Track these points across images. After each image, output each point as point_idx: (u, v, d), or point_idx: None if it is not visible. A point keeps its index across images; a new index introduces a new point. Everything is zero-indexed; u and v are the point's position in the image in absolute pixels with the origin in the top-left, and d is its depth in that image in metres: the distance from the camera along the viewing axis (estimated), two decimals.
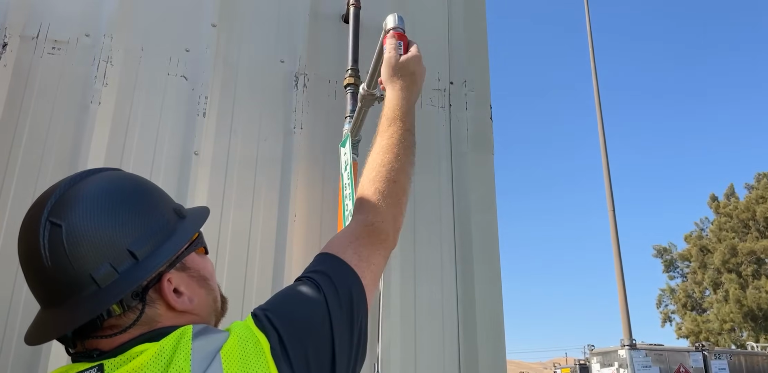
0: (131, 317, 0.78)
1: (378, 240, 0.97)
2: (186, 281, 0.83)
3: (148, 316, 0.79)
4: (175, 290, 0.82)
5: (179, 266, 0.83)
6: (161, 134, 1.70)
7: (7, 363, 1.43)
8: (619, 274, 13.59)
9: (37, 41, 1.72)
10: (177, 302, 0.81)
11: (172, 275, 0.82)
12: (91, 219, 0.78)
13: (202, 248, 0.90)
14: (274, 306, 0.83)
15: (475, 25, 2.10)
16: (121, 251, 0.77)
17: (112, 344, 0.78)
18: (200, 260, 0.89)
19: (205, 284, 0.87)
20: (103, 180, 0.84)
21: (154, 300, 0.80)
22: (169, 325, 0.79)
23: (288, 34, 1.92)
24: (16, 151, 1.60)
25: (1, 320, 1.46)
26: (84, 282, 0.76)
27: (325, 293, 0.84)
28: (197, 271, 0.86)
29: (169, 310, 0.81)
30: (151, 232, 0.80)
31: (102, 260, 0.76)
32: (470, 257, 1.79)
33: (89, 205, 0.79)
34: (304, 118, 1.82)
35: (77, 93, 1.69)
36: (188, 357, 0.73)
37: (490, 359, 1.70)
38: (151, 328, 0.79)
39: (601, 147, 15.01)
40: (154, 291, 0.80)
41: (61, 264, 0.76)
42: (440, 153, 1.93)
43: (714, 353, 12.84)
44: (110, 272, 0.76)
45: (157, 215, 0.83)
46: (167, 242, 0.81)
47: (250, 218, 1.69)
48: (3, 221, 1.53)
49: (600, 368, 12.59)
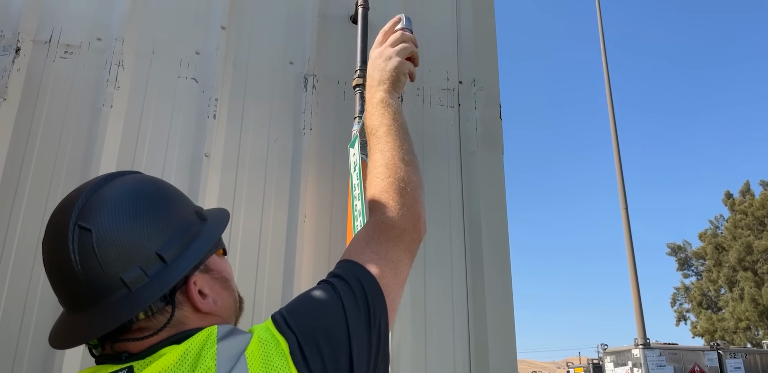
0: (161, 320, 0.79)
1: (393, 236, 0.95)
2: (210, 282, 0.85)
3: (177, 318, 0.80)
4: (200, 292, 0.83)
5: (203, 268, 0.85)
6: (172, 136, 1.72)
7: (23, 364, 1.45)
8: (632, 272, 13.50)
9: (50, 46, 1.74)
10: (203, 303, 0.82)
11: (197, 277, 0.83)
12: (119, 223, 0.79)
13: (222, 249, 0.92)
14: (292, 310, 0.84)
15: (484, 24, 2.09)
16: (150, 254, 0.78)
17: (141, 346, 0.79)
18: (221, 261, 0.90)
19: (227, 285, 0.89)
20: (126, 183, 0.85)
21: (181, 302, 0.81)
22: (196, 326, 0.81)
23: (297, 36, 1.93)
24: (30, 154, 1.62)
25: (17, 321, 1.48)
26: (114, 286, 0.77)
27: (340, 294, 0.85)
28: (219, 272, 0.88)
29: (195, 312, 0.82)
30: (177, 235, 0.82)
31: (132, 263, 0.77)
32: (480, 257, 1.79)
33: (116, 209, 0.80)
34: (314, 119, 1.83)
35: (89, 96, 1.71)
36: (213, 357, 0.74)
37: (500, 358, 1.70)
38: (179, 330, 0.80)
39: (614, 144, 14.91)
40: (181, 293, 0.82)
41: (91, 268, 0.77)
42: (449, 152, 1.93)
43: (729, 351, 12.71)
44: (140, 275, 0.77)
45: (181, 217, 0.84)
46: (193, 245, 0.82)
47: (260, 218, 1.71)
48: (17, 223, 1.55)
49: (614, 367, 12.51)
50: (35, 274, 1.51)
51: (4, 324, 1.47)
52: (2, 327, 1.46)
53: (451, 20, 2.09)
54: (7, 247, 1.53)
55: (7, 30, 1.72)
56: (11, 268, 1.51)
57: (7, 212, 1.56)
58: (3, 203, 1.56)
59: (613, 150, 14.83)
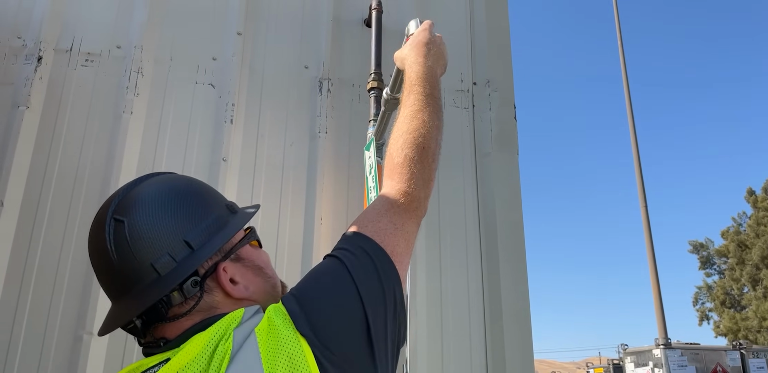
0: (191, 304, 0.85)
1: (412, 207, 0.98)
2: (241, 270, 0.90)
3: (207, 303, 0.85)
4: (231, 279, 0.88)
5: (234, 257, 0.90)
6: (190, 141, 1.75)
7: (49, 356, 1.49)
8: (653, 271, 13.35)
9: (71, 54, 1.78)
10: (233, 289, 0.87)
11: (227, 265, 0.88)
12: (150, 215, 0.85)
13: (256, 241, 0.98)
14: (299, 287, 0.88)
15: (497, 25, 2.10)
16: (179, 241, 0.84)
17: (176, 330, 0.85)
18: (254, 251, 0.95)
19: (261, 273, 0.93)
20: (159, 181, 0.92)
21: (212, 288, 0.86)
22: (227, 311, 0.86)
23: (311, 40, 1.95)
24: (53, 160, 1.67)
25: (42, 318, 1.52)
26: (146, 272, 0.83)
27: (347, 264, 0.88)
28: (252, 261, 0.93)
29: (227, 297, 0.87)
30: (205, 225, 0.87)
31: (162, 250, 0.83)
32: (496, 257, 1.79)
33: (148, 203, 0.87)
34: (329, 123, 1.85)
35: (110, 103, 1.74)
36: (230, 339, 0.79)
37: (517, 357, 1.71)
38: (210, 314, 0.85)
39: (632, 140, 14.76)
40: (212, 280, 0.86)
41: (125, 256, 0.84)
42: (464, 154, 1.94)
43: (752, 351, 12.51)
44: (169, 261, 0.83)
45: (210, 209, 0.90)
46: (219, 233, 0.88)
47: (277, 221, 1.73)
48: (42, 225, 1.59)
49: (634, 367, 12.38)
50: (59, 274, 1.56)
51: (31, 319, 1.51)
52: (27, 333, 1.51)
53: (464, 22, 2.10)
54: (32, 249, 1.57)
55: (30, 39, 1.76)
56: (36, 269, 1.55)
57: (31, 217, 1.60)
58: (28, 207, 1.60)
59: (632, 148, 14.68)
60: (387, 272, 0.89)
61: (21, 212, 1.60)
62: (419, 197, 0.99)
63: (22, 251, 1.57)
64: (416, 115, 1.06)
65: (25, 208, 1.60)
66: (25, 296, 1.54)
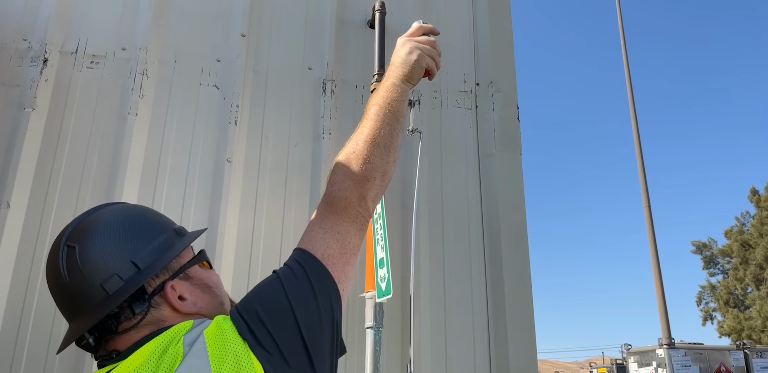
0: (139, 318, 0.92)
1: (338, 208, 1.04)
2: (190, 288, 0.98)
3: (155, 316, 0.93)
4: (180, 297, 0.96)
5: (183, 276, 0.98)
6: (195, 142, 1.76)
7: (55, 357, 1.50)
8: (656, 271, 13.33)
9: (76, 56, 1.79)
10: (181, 305, 0.95)
11: (176, 283, 0.96)
12: (99, 240, 0.94)
13: (206, 262, 1.05)
14: (242, 299, 0.96)
15: (500, 26, 2.10)
16: (126, 262, 0.93)
17: (127, 342, 0.91)
18: (203, 271, 1.03)
19: (209, 291, 1.02)
20: (110, 210, 1.01)
21: (159, 304, 0.94)
22: (176, 323, 0.93)
23: (315, 42, 1.96)
24: (58, 162, 1.68)
25: (48, 319, 1.53)
26: (96, 292, 0.91)
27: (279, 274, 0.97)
28: (201, 280, 1.01)
29: (175, 312, 0.95)
30: (152, 247, 0.96)
31: (110, 271, 0.91)
32: (499, 258, 1.80)
33: (99, 229, 0.95)
34: (333, 124, 1.86)
35: (115, 105, 1.75)
36: (180, 342, 0.87)
37: (521, 358, 1.71)
38: (159, 326, 0.92)
39: (635, 141, 14.74)
40: (160, 296, 0.94)
41: (77, 279, 0.92)
42: (468, 154, 1.94)
43: (756, 351, 12.48)
44: (117, 280, 0.91)
45: (157, 233, 0.98)
46: (166, 253, 0.96)
47: (281, 221, 1.74)
48: (48, 228, 1.60)
49: (638, 367, 12.36)
50: None
51: (38, 320, 1.52)
52: (33, 334, 1.52)
53: (467, 22, 2.11)
54: (38, 251, 1.58)
55: (35, 41, 1.78)
56: (41, 275, 1.56)
57: (37, 219, 1.61)
58: (34, 209, 1.61)
59: (635, 149, 14.66)
60: (319, 276, 0.97)
61: (27, 214, 1.61)
62: (346, 197, 1.05)
63: (28, 252, 1.58)
64: (360, 126, 1.14)
65: (31, 209, 1.61)
66: (31, 298, 1.55)
